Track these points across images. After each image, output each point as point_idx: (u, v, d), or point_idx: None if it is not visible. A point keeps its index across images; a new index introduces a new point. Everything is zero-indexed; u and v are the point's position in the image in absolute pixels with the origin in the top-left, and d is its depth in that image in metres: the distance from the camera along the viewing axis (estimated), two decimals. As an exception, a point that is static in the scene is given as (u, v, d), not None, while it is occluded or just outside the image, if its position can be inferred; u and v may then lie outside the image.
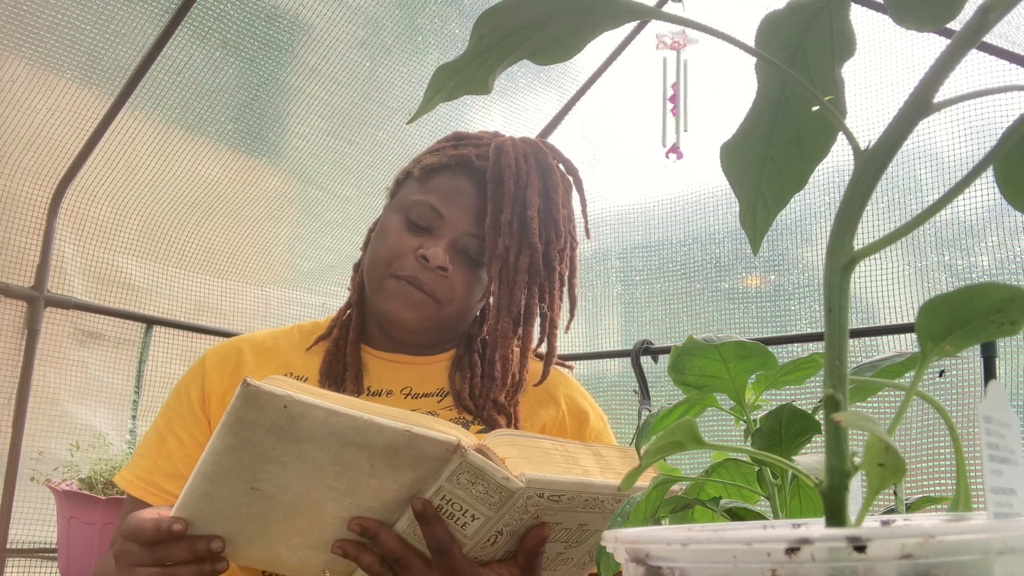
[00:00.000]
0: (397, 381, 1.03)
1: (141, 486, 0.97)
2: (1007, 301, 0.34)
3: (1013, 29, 1.89)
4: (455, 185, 1.02)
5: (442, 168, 1.03)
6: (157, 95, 2.10)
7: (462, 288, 1.01)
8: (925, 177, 2.04)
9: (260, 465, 0.67)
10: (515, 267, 0.99)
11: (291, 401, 0.63)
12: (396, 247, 1.00)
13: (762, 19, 0.41)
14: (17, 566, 2.01)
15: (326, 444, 0.66)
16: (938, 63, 0.34)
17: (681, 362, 0.53)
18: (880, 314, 2.02)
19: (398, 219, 1.02)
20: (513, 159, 1.01)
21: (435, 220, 1.00)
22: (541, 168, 1.03)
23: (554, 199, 1.02)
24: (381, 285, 1.00)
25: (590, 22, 0.38)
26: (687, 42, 2.28)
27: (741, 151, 0.44)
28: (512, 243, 0.99)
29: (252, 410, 0.63)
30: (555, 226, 1.02)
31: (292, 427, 0.64)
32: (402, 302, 0.99)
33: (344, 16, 2.18)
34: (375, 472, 0.69)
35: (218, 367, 1.02)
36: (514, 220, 0.99)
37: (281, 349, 1.05)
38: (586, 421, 1.08)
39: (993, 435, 0.35)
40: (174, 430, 0.99)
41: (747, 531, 0.29)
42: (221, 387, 1.00)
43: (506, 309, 1.00)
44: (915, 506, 0.63)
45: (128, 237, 2.24)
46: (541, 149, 1.04)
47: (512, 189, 0.99)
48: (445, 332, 1.06)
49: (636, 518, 0.48)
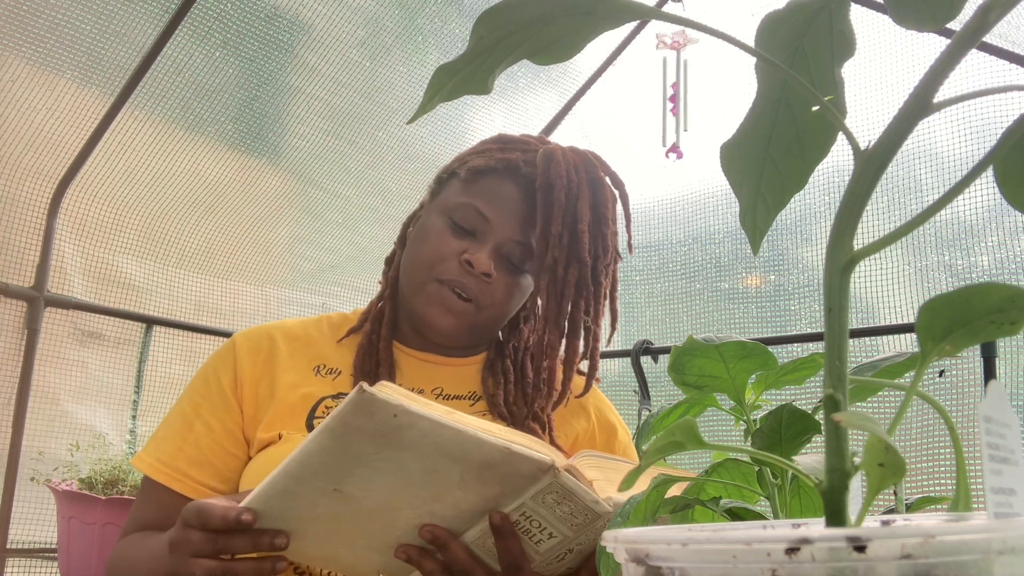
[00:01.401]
0: (429, 380, 1.03)
1: (164, 471, 0.95)
2: (1007, 301, 0.34)
3: (1013, 29, 1.89)
4: (502, 190, 1.00)
5: (488, 171, 1.01)
6: (157, 95, 2.10)
7: (503, 295, 1.00)
8: (925, 177, 2.04)
9: (351, 469, 0.67)
10: (564, 280, 0.98)
11: (402, 411, 0.63)
12: (439, 250, 0.98)
13: (762, 19, 0.41)
14: (17, 566, 2.01)
15: (425, 454, 0.66)
16: (938, 63, 0.34)
17: (681, 362, 0.53)
18: (880, 314, 2.03)
19: (441, 220, 1.00)
20: (564, 170, 0.99)
21: (480, 224, 0.99)
22: (592, 181, 1.01)
23: (604, 214, 1.01)
24: (422, 288, 0.99)
25: (590, 22, 0.38)
26: (687, 42, 2.28)
27: (741, 151, 0.44)
28: (561, 256, 0.98)
29: (361, 416, 0.63)
30: (603, 241, 1.01)
31: (397, 435, 0.64)
32: (442, 308, 0.98)
33: (344, 16, 2.18)
34: (463, 484, 0.70)
35: (250, 354, 1.00)
36: (564, 233, 0.98)
37: (312, 339, 1.04)
38: (615, 434, 1.08)
39: (993, 435, 0.35)
40: (202, 416, 0.97)
41: (747, 531, 0.29)
42: (254, 374, 0.99)
43: (553, 322, 0.99)
44: (915, 506, 0.63)
45: (128, 237, 2.24)
46: (591, 161, 1.03)
47: (563, 201, 0.98)
48: (479, 336, 1.05)
49: (636, 518, 0.48)
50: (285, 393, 0.97)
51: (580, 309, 1.01)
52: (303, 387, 0.98)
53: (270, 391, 0.98)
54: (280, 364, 1.00)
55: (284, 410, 0.95)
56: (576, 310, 1.01)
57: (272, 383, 0.98)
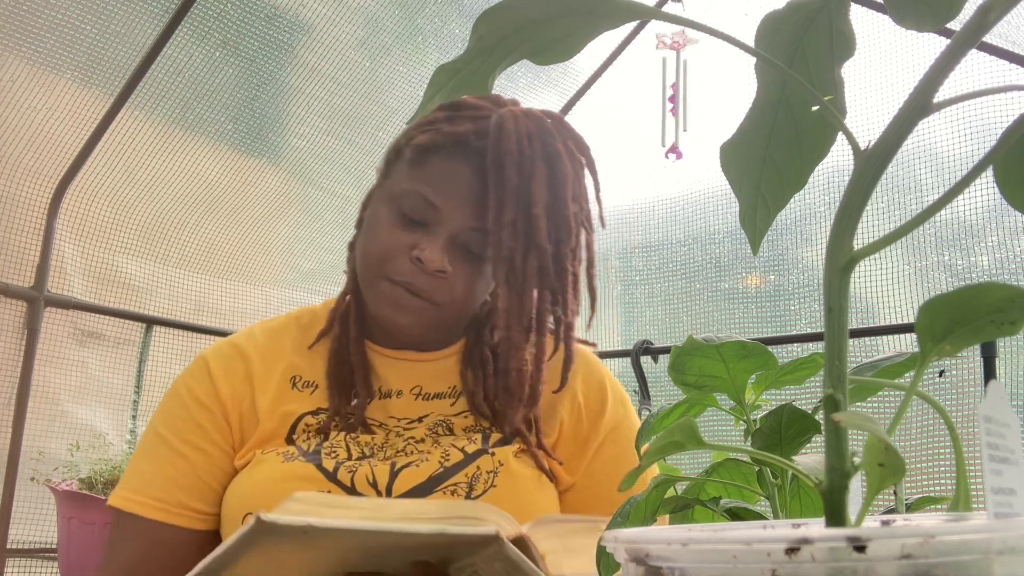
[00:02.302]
0: (406, 380, 0.97)
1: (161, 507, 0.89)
2: (1007, 301, 0.34)
3: (1013, 29, 1.89)
4: (451, 171, 0.89)
5: (436, 149, 0.89)
6: (157, 95, 2.10)
7: (463, 288, 0.92)
8: (925, 177, 2.04)
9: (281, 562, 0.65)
10: (523, 271, 0.89)
11: (312, 528, 0.59)
12: (388, 245, 0.90)
13: (762, 19, 0.41)
14: (17, 566, 2.01)
15: (355, 550, 0.64)
16: (938, 63, 0.34)
17: (681, 362, 0.53)
18: (880, 314, 2.03)
19: (389, 211, 0.91)
20: (515, 143, 0.88)
21: (430, 213, 0.89)
22: (547, 155, 0.89)
23: (561, 193, 0.90)
24: (374, 287, 0.91)
25: (590, 22, 0.38)
26: (687, 42, 2.28)
27: (741, 151, 0.44)
28: (518, 245, 0.88)
29: (271, 537, 0.59)
30: (565, 223, 0.90)
31: (316, 542, 0.62)
32: (396, 308, 0.90)
33: (344, 16, 2.18)
34: (407, 555, 0.67)
35: (226, 374, 0.94)
36: (518, 218, 0.88)
37: (284, 350, 0.98)
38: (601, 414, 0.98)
39: (993, 435, 0.35)
40: (192, 441, 0.92)
41: (747, 531, 0.29)
42: (235, 396, 0.93)
43: (516, 317, 0.89)
44: (915, 506, 0.63)
45: (128, 237, 2.25)
46: (546, 129, 0.91)
47: (515, 181, 0.87)
48: (446, 331, 0.98)
49: (636, 518, 0.48)
50: (266, 417, 0.92)
51: (546, 301, 0.91)
52: (282, 404, 0.93)
53: (253, 413, 0.93)
54: (258, 385, 0.94)
55: (267, 433, 0.92)
56: (543, 302, 0.91)
57: (253, 404, 0.93)
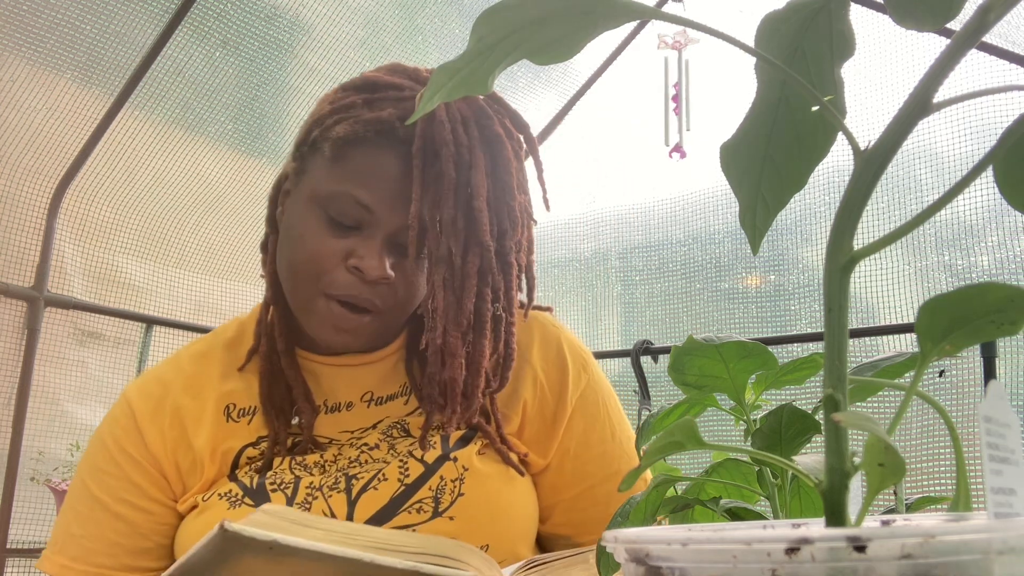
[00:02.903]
0: (355, 389, 0.88)
1: (101, 572, 0.83)
2: (1007, 301, 0.34)
3: (1013, 29, 1.89)
4: (379, 165, 0.80)
5: (358, 141, 0.81)
6: (157, 95, 2.10)
7: (406, 290, 0.84)
8: (925, 177, 2.04)
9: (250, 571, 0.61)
10: (463, 272, 0.81)
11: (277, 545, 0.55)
12: (320, 257, 0.80)
13: (762, 19, 0.41)
14: (17, 566, 2.01)
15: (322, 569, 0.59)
16: (938, 63, 0.34)
17: (681, 362, 0.53)
18: (880, 314, 2.03)
19: (315, 215, 0.81)
20: (450, 131, 0.80)
21: (362, 215, 0.80)
22: (487, 140, 0.81)
23: (506, 182, 0.82)
24: (310, 305, 0.82)
25: (589, 22, 0.37)
26: (688, 42, 2.28)
27: (741, 151, 0.44)
28: (457, 243, 0.80)
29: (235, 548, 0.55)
30: (509, 214, 0.82)
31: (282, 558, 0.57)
32: (336, 330, 0.82)
33: (344, 16, 2.18)
34: None
35: (153, 422, 0.85)
36: (458, 215, 0.80)
37: (212, 380, 0.88)
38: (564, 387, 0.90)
39: (993, 435, 0.35)
40: (128, 500, 0.84)
41: (747, 531, 0.29)
42: (166, 446, 0.85)
43: (453, 320, 0.80)
44: (915, 506, 0.63)
45: (128, 237, 2.25)
46: (483, 110, 0.82)
47: (452, 174, 0.79)
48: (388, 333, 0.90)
49: (636, 518, 0.48)
50: (207, 461, 0.84)
51: (486, 300, 0.82)
52: (220, 443, 0.84)
53: (189, 459, 0.84)
54: (190, 426, 0.85)
55: (209, 479, 0.84)
56: (482, 302, 0.82)
57: (190, 449, 0.85)
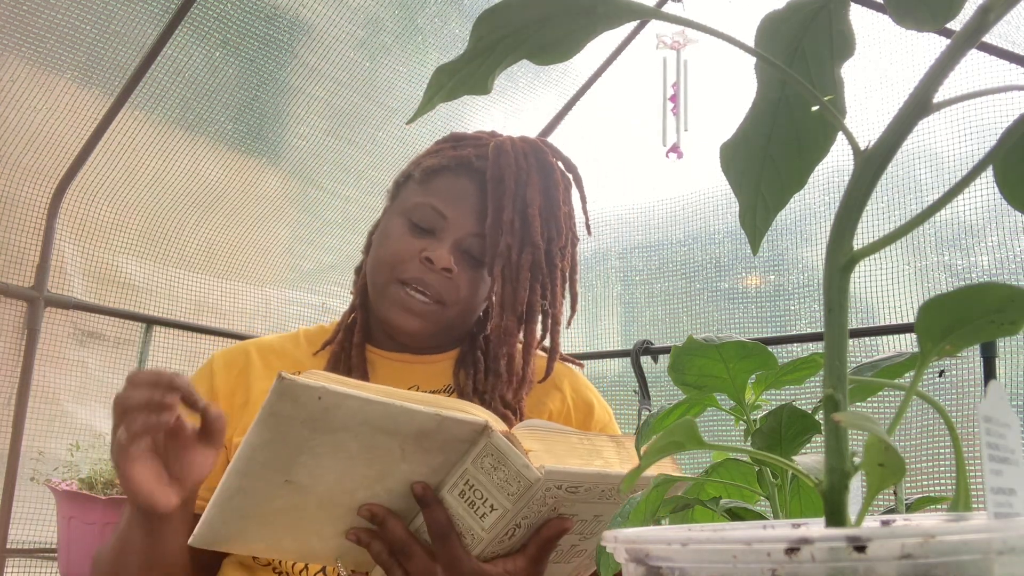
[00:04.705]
0: (403, 380, 1.04)
1: None
2: (1007, 301, 0.34)
3: (1013, 29, 1.89)
4: (456, 186, 1.02)
5: (442, 169, 1.03)
6: (157, 95, 2.10)
7: (467, 289, 1.02)
8: (925, 177, 2.04)
9: (294, 457, 0.68)
10: (518, 265, 1.00)
11: (325, 392, 0.64)
12: (400, 250, 1.00)
13: (762, 19, 0.41)
14: (17, 566, 2.01)
15: (360, 433, 0.67)
16: (938, 63, 0.34)
17: (681, 362, 0.53)
18: (880, 314, 2.02)
19: (400, 222, 1.03)
20: (513, 158, 1.02)
21: (438, 222, 1.01)
22: (541, 166, 1.03)
23: (554, 196, 1.03)
24: (385, 290, 1.01)
25: (590, 22, 0.37)
26: (687, 42, 2.28)
27: (740, 151, 0.44)
28: (514, 241, 1.00)
29: (287, 403, 0.64)
30: (556, 223, 1.03)
31: (326, 417, 0.65)
32: (406, 311, 0.99)
33: (344, 16, 2.18)
34: (406, 457, 0.71)
35: (225, 368, 1.03)
36: (515, 218, 1.00)
37: (288, 352, 1.07)
38: (591, 413, 1.08)
39: (993, 435, 0.35)
40: None
41: (747, 531, 0.29)
42: (228, 387, 1.01)
43: (510, 307, 1.00)
44: (915, 506, 0.63)
45: (128, 237, 2.24)
46: (540, 147, 1.05)
47: (512, 187, 1.00)
48: (449, 333, 1.06)
49: (636, 518, 0.48)
50: (258, 400, 0.98)
51: (536, 293, 1.02)
52: None
53: (244, 399, 1.00)
54: (254, 375, 1.02)
55: None
56: (532, 294, 1.02)
57: (246, 392, 1.01)
